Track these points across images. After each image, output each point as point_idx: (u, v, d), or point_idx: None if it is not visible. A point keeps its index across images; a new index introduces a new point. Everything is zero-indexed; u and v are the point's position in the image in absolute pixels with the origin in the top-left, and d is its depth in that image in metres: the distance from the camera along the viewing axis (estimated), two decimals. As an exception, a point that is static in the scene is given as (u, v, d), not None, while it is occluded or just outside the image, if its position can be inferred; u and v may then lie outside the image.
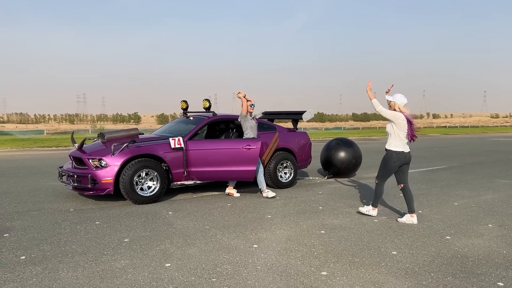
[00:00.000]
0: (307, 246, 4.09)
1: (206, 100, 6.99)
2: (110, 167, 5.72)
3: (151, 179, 6.01)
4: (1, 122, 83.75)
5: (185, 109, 7.34)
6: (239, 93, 6.57)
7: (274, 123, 8.14)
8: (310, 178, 8.80)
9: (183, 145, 6.23)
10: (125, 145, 5.87)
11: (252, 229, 4.68)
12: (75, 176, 5.85)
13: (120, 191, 5.80)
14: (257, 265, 3.55)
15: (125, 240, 4.20)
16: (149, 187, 6.00)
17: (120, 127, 63.03)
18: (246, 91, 6.60)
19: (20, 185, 7.52)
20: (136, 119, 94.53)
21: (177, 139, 6.23)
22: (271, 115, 8.63)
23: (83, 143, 6.36)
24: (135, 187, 5.83)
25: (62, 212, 5.39)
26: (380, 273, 3.41)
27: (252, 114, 6.76)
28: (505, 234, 4.57)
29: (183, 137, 6.36)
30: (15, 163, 11.07)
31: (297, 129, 8.26)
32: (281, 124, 9.90)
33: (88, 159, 5.86)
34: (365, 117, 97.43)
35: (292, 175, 7.54)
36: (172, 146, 6.16)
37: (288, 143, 7.63)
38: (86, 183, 5.73)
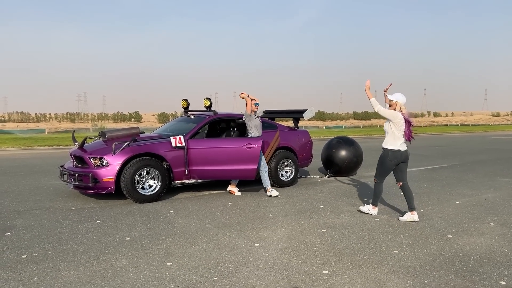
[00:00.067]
0: (308, 244, 4.08)
1: (207, 98, 6.98)
2: (111, 166, 5.72)
3: (152, 178, 6.01)
4: (2, 121, 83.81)
5: (186, 108, 7.34)
6: (242, 93, 6.57)
7: (275, 121, 8.13)
8: (311, 176, 8.80)
9: (184, 144, 6.23)
10: (126, 144, 5.88)
11: (253, 227, 4.68)
12: (76, 175, 5.86)
13: (121, 189, 5.80)
14: (258, 264, 3.55)
15: (126, 239, 4.20)
16: (150, 186, 6.00)
17: (121, 126, 63.07)
18: (246, 90, 6.62)
19: (21, 184, 7.53)
20: (137, 118, 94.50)
21: (178, 138, 6.23)
22: (272, 114, 8.62)
23: (84, 142, 6.36)
24: (136, 186, 5.83)
25: (63, 211, 5.40)
26: (382, 271, 3.40)
27: (257, 113, 6.75)
28: (507, 232, 4.56)
29: (184, 136, 6.36)
30: (16, 162, 11.09)
31: (298, 127, 8.26)
32: (282, 122, 9.90)
33: (89, 158, 5.86)
34: (366, 116, 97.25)
35: (293, 173, 7.54)
36: (173, 145, 6.16)
37: (289, 142, 7.62)
38: (87, 182, 5.74)
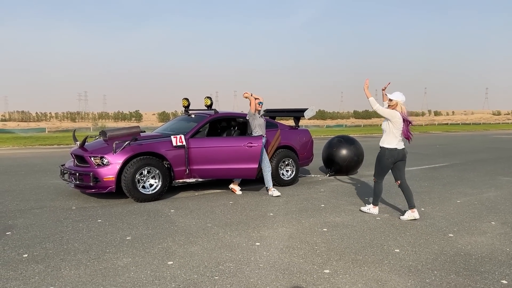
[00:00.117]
0: (309, 244, 4.08)
1: (208, 97, 6.98)
2: (112, 165, 5.72)
3: (153, 177, 6.01)
4: (2, 120, 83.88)
5: (186, 107, 7.34)
6: (245, 93, 6.55)
7: (275, 120, 8.12)
8: (312, 175, 8.79)
9: (184, 143, 6.23)
10: (126, 143, 5.87)
11: (254, 227, 4.68)
12: (77, 174, 5.86)
13: (122, 189, 5.80)
14: (259, 263, 3.55)
15: (127, 238, 4.20)
16: (151, 185, 6.00)
17: (122, 125, 63.10)
18: (247, 89, 6.61)
19: (22, 183, 7.53)
20: (138, 117, 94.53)
21: (178, 137, 6.22)
22: (272, 113, 8.61)
23: (85, 141, 6.36)
24: (137, 185, 5.83)
25: (64, 210, 5.40)
26: (383, 271, 3.40)
27: (261, 112, 6.73)
28: (508, 231, 4.55)
29: (184, 135, 6.36)
30: (17, 161, 11.09)
31: (298, 126, 8.25)
32: (282, 121, 9.89)
33: (90, 157, 5.86)
34: (366, 115, 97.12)
35: (294, 173, 7.53)
36: (174, 144, 6.16)
37: (290, 141, 7.61)
38: (88, 181, 5.73)
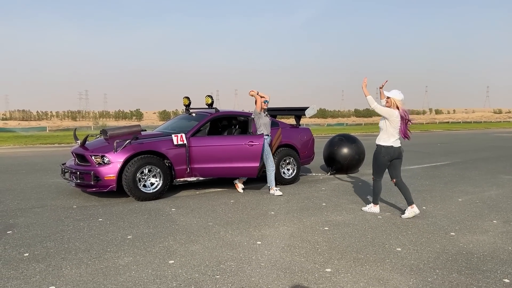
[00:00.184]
0: (310, 242, 4.07)
1: (209, 96, 6.96)
2: (112, 164, 5.71)
3: (154, 176, 6.00)
4: (3, 119, 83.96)
5: (187, 106, 7.32)
6: (251, 91, 6.52)
7: (276, 119, 8.11)
8: (313, 174, 8.78)
9: (185, 142, 6.22)
10: (127, 141, 5.86)
11: (255, 225, 4.67)
12: (78, 173, 5.85)
13: (123, 188, 5.80)
14: (260, 262, 3.54)
15: (128, 237, 4.19)
16: (152, 184, 5.99)
17: (123, 123, 63.11)
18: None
19: (23, 182, 7.53)
20: (138, 115, 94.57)
21: (179, 135, 6.21)
22: (273, 111, 8.60)
23: (86, 140, 6.35)
24: (138, 183, 5.82)
25: (65, 209, 5.39)
26: (385, 269, 3.39)
27: (265, 111, 6.69)
28: (510, 230, 4.53)
29: (185, 133, 6.35)
30: (18, 160, 11.10)
31: (300, 125, 8.23)
32: (283, 120, 9.88)
33: (91, 156, 5.86)
34: (367, 113, 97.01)
35: (295, 171, 7.52)
36: (175, 143, 6.15)
37: (291, 140, 7.60)
38: (89, 180, 5.73)
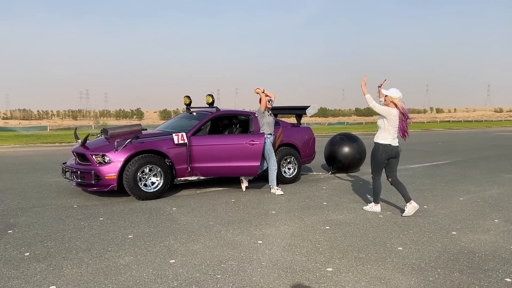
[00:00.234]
0: (312, 242, 4.06)
1: (209, 95, 6.95)
2: (113, 163, 5.71)
3: (155, 175, 5.99)
4: (4, 118, 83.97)
5: (188, 105, 7.31)
6: (257, 88, 6.50)
7: (277, 118, 8.10)
8: (314, 173, 8.77)
9: (186, 141, 6.21)
10: (128, 141, 5.86)
11: (256, 224, 4.66)
12: (79, 172, 5.84)
13: (124, 187, 5.79)
14: (262, 261, 3.53)
15: (129, 237, 4.19)
16: (152, 183, 5.98)
17: (123, 123, 63.11)
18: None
19: (23, 181, 7.53)
20: (139, 115, 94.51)
21: (180, 134, 6.20)
22: (274, 111, 8.57)
23: (86, 139, 6.35)
24: (139, 183, 5.82)
25: (66, 208, 5.39)
26: (386, 269, 3.38)
27: (269, 110, 6.66)
28: (512, 229, 4.52)
29: (186, 132, 6.34)
30: (19, 159, 11.10)
31: (300, 124, 8.22)
32: (284, 119, 9.86)
33: (92, 155, 5.85)
34: (368, 112, 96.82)
35: (296, 170, 7.51)
36: (176, 142, 6.14)
37: (292, 139, 7.59)
38: (89, 179, 5.72)
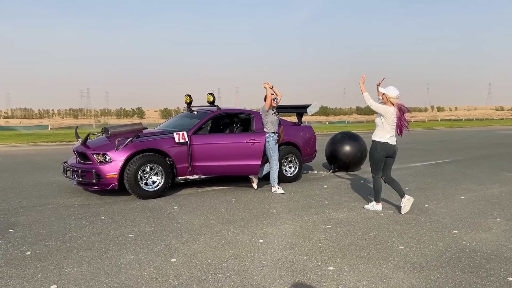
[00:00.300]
0: (313, 240, 4.05)
1: (210, 94, 6.93)
2: (114, 162, 5.70)
3: (156, 174, 5.99)
4: (5, 117, 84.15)
5: (189, 104, 7.30)
6: (266, 83, 6.40)
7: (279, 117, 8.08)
8: (315, 172, 8.76)
9: (187, 140, 6.20)
10: (129, 140, 5.85)
11: (257, 223, 4.66)
12: (80, 171, 5.84)
13: (125, 186, 5.79)
14: (263, 260, 3.52)
15: (130, 235, 4.18)
16: (153, 182, 5.98)
17: (124, 122, 63.16)
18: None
19: (24, 180, 7.53)
20: (140, 113, 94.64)
21: (181, 133, 6.19)
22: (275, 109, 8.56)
23: (87, 138, 6.34)
24: (140, 182, 5.81)
25: (67, 207, 5.39)
26: (388, 268, 3.37)
27: (274, 109, 6.63)
28: (514, 228, 4.51)
29: (187, 131, 6.33)
30: (20, 158, 11.10)
31: (301, 123, 8.21)
32: (285, 118, 9.84)
33: (92, 154, 5.84)
34: (369, 111, 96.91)
35: (297, 169, 7.50)
36: (176, 141, 6.13)
37: (293, 137, 7.58)
38: (90, 178, 5.72)
